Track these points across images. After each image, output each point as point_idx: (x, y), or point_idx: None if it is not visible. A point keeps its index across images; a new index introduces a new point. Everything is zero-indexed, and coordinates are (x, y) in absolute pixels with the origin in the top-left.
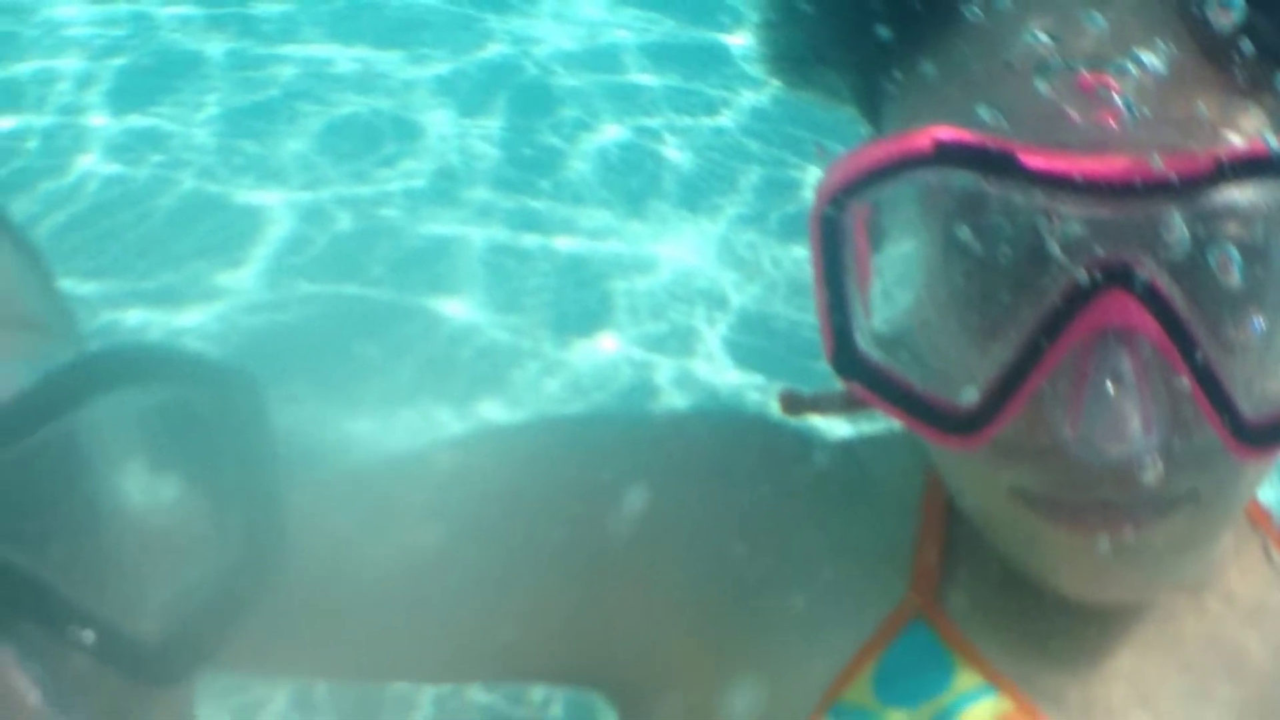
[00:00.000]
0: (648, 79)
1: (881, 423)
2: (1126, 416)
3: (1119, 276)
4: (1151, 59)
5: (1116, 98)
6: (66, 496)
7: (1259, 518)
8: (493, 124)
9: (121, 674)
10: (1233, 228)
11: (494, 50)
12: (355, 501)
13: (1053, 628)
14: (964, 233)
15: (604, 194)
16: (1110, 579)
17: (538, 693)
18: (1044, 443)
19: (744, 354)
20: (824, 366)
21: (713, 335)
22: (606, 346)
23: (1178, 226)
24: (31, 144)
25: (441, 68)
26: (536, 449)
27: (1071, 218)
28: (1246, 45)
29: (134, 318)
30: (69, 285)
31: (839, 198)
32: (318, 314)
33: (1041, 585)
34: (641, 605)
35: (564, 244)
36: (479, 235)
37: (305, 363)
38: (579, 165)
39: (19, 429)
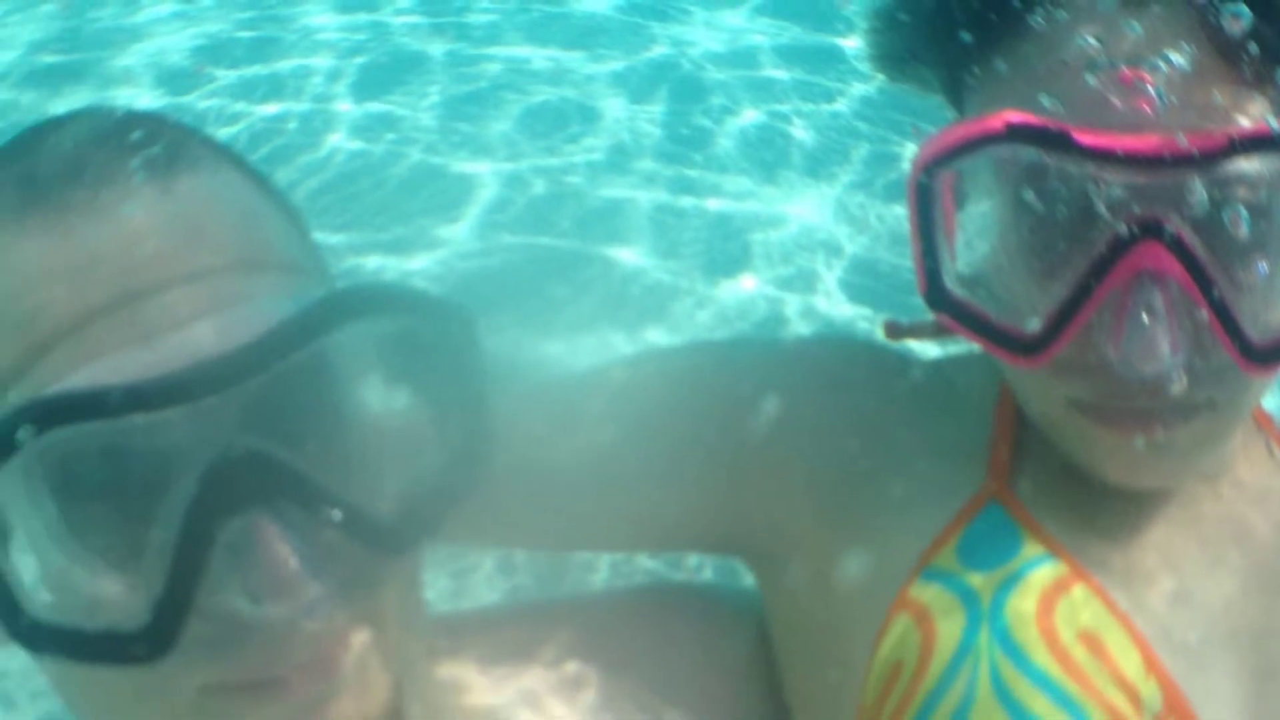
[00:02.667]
0: (779, 73)
1: (964, 346)
2: (1158, 341)
3: (1152, 230)
4: (1178, 58)
5: (1150, 88)
6: (321, 403)
7: (1263, 421)
8: (656, 109)
9: (363, 545)
10: (1242, 191)
11: (657, 51)
12: (548, 407)
13: (1099, 508)
14: (1029, 195)
15: (744, 164)
16: (1145, 469)
17: (692, 559)
18: (1093, 362)
19: (855, 291)
20: (918, 301)
21: (830, 276)
22: (746, 285)
23: (1199, 190)
24: (291, 125)
25: (616, 65)
26: (691, 366)
27: (1114, 183)
28: (1253, 47)
29: (372, 263)
30: (321, 237)
31: (930, 168)
32: (517, 260)
33: (1091, 475)
34: (775, 490)
35: (713, 204)
36: (645, 197)
37: (507, 298)
38: (724, 142)
39: (284, 351)
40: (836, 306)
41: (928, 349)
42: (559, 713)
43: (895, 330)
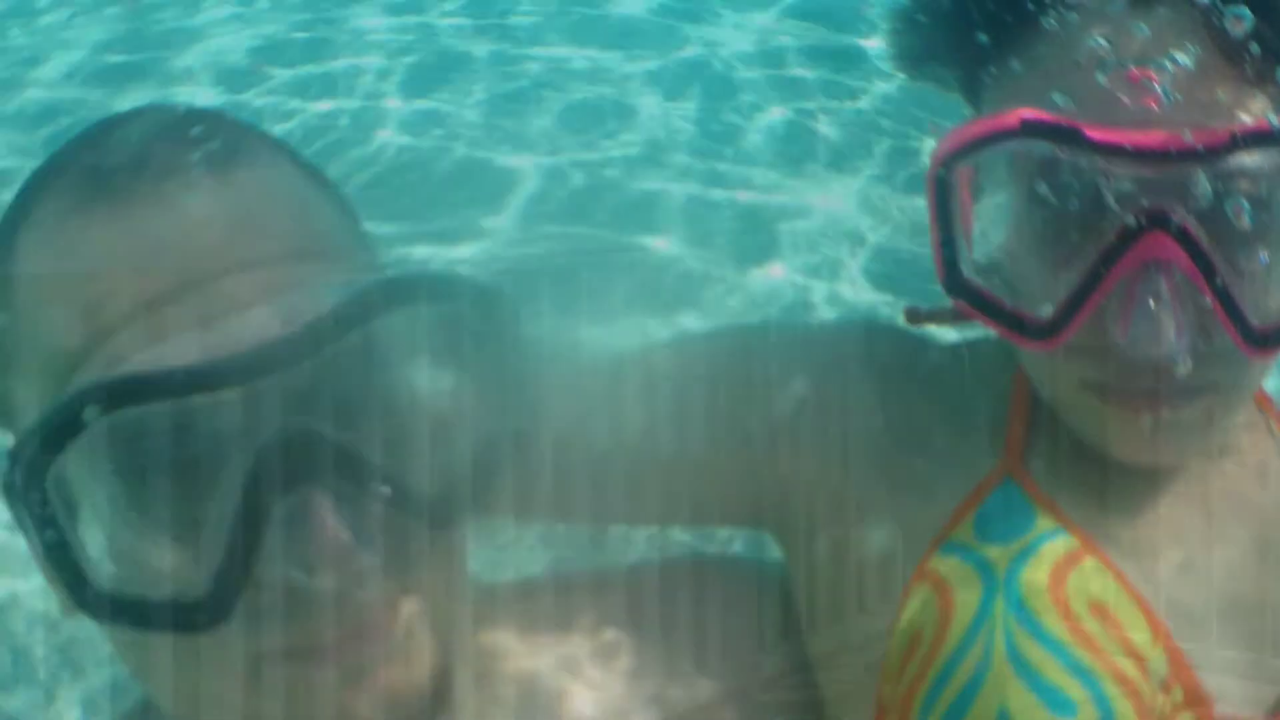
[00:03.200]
0: (805, 73)
1: (980, 330)
2: (1164, 326)
3: (1159, 221)
4: (1183, 57)
5: (1157, 87)
6: (371, 384)
7: (1264, 402)
8: (689, 106)
9: (410, 519)
10: (1244, 184)
11: (690, 51)
12: (584, 388)
13: (1109, 485)
14: (1042, 188)
15: (772, 158)
16: (1152, 447)
17: (722, 533)
18: (1103, 345)
19: (877, 279)
20: (937, 288)
21: (854, 265)
22: (774, 273)
23: (1203, 183)
24: (343, 122)
25: (650, 64)
26: (722, 349)
27: (1123, 177)
28: (1254, 47)
29: (420, 252)
30: (371, 227)
31: (948, 162)
32: (557, 248)
33: (1101, 452)
34: (800, 466)
35: (742, 196)
36: (679, 190)
37: (547, 285)
38: (754, 137)
39: (337, 334)
40: (860, 293)
41: (946, 333)
42: (596, 678)
43: (915, 316)
